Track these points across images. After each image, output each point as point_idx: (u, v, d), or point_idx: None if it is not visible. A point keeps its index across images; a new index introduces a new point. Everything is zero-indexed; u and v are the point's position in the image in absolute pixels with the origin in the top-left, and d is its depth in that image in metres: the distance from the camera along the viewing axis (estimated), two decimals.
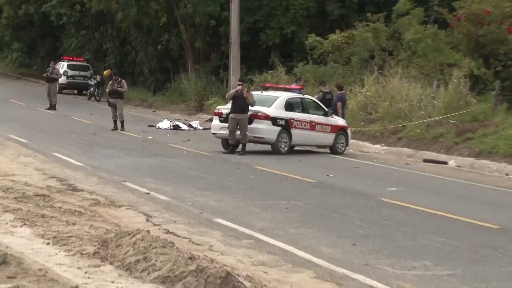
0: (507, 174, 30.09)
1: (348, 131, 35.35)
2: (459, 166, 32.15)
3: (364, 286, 13.40)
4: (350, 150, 35.30)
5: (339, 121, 34.80)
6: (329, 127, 34.26)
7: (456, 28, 42.67)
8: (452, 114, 36.17)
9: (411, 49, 42.53)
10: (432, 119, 36.53)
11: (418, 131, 36.49)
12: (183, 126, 42.98)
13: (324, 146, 34.47)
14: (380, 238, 17.42)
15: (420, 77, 40.13)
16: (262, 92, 35.38)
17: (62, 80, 57.05)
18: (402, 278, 13.91)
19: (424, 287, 13.43)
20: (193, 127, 43.14)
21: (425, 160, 33.51)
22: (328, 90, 37.43)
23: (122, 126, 39.54)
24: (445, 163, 32.81)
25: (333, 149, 34.33)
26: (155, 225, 17.55)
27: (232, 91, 33.48)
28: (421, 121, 36.77)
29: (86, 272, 13.25)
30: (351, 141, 35.69)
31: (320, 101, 35.33)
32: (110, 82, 42.66)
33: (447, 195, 24.43)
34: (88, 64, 65.47)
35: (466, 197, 24.36)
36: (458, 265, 15.11)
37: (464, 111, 36.15)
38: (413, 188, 25.21)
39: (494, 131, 33.72)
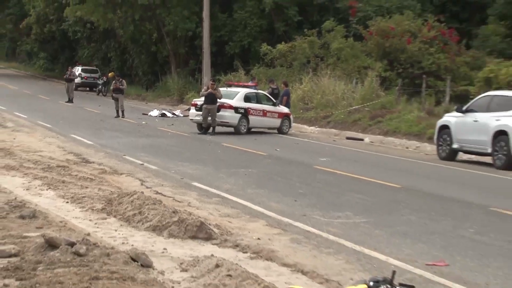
0: (407, 147, 30.53)
1: (291, 116, 35.47)
2: (372, 142, 32.37)
3: (303, 231, 13.57)
4: (292, 131, 35.30)
5: (284, 109, 34.94)
6: (277, 114, 34.45)
7: (369, 40, 43.17)
8: (367, 104, 36.59)
9: (336, 55, 42.82)
10: (352, 107, 36.85)
11: (342, 116, 36.77)
12: (168, 114, 42.83)
13: (273, 128, 34.49)
14: (314, 195, 17.57)
15: (343, 77, 40.38)
16: (227, 88, 35.65)
17: (77, 80, 56.86)
18: (330, 224, 14.10)
19: (346, 231, 13.60)
20: (175, 114, 43.00)
21: (347, 138, 33.66)
22: (275, 87, 37.61)
23: (123, 115, 39.37)
24: (362, 139, 33.04)
25: (280, 130, 34.45)
26: (147, 187, 17.62)
27: (204, 92, 33.49)
28: (344, 109, 37.04)
29: (95, 223, 13.42)
30: (293, 124, 35.73)
31: (270, 95, 35.49)
32: (113, 81, 42.83)
33: (363, 163, 24.59)
34: (97, 68, 65.16)
35: (377, 164, 24.52)
36: (372, 214, 15.28)
37: (375, 102, 36.58)
38: (338, 159, 25.30)
39: (397, 116, 34.22)
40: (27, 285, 8.95)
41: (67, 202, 15.40)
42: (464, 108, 25.99)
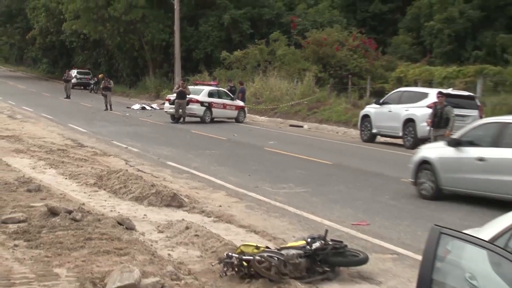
0: (337, 132, 30.53)
1: (245, 109, 35.38)
2: (309, 128, 32.34)
3: (255, 199, 13.62)
4: (247, 120, 35.19)
5: (240, 103, 34.81)
6: (234, 106, 34.33)
7: (306, 48, 43.17)
8: (305, 99, 36.54)
9: (281, 60, 42.72)
10: (294, 101, 36.76)
11: (286, 108, 36.69)
12: (147, 107, 42.39)
13: (231, 118, 34.33)
14: (264, 171, 17.59)
15: (286, 77, 40.32)
16: (194, 86, 35.35)
17: (74, 80, 56.30)
18: (277, 194, 14.13)
19: (289, 199, 13.64)
20: (153, 108, 42.57)
21: (290, 125, 33.66)
22: (233, 85, 37.44)
23: (111, 108, 38.89)
24: (302, 126, 33.00)
25: (237, 120, 34.30)
26: (130, 166, 17.56)
27: (176, 89, 33.39)
28: (287, 103, 36.93)
29: (89, 195, 13.36)
30: (247, 115, 35.69)
31: (228, 91, 35.39)
32: (103, 81, 42.78)
33: (303, 145, 24.53)
34: (89, 71, 64.66)
35: (313, 146, 24.48)
36: (310, 186, 15.33)
37: (312, 97, 36.55)
38: (283, 142, 25.27)
39: (329, 108, 34.30)
40: (33, 245, 8.95)
41: (66, 178, 15.32)
42: (381, 101, 26.24)
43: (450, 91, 23.35)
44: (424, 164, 14.41)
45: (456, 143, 13.95)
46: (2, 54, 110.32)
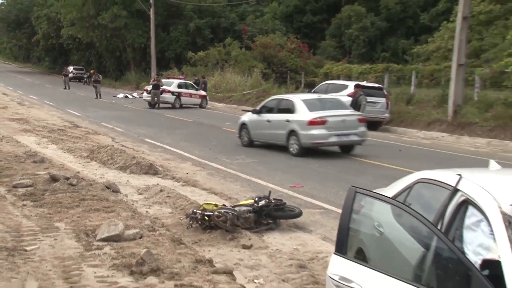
0: None
1: (207, 97, 35.07)
2: None
3: (215, 168, 13.62)
4: (208, 106, 34.98)
5: (202, 93, 34.52)
6: (198, 95, 34.06)
7: (254, 50, 43.00)
8: (254, 89, 36.45)
9: (235, 59, 42.49)
10: (245, 91, 36.57)
11: (239, 97, 36.29)
12: (129, 96, 41.83)
13: (196, 105, 34.06)
14: (221, 146, 17.56)
15: (239, 72, 40.03)
16: (166, 79, 35.10)
17: (71, 75, 55.48)
18: (232, 164, 14.14)
19: (241, 168, 13.66)
20: (134, 96, 41.91)
21: (242, 110, 32.85)
22: (197, 78, 37.21)
23: (100, 97, 38.18)
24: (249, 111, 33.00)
25: (200, 106, 33.95)
26: (116, 142, 17.37)
27: (152, 82, 33.15)
28: (240, 93, 36.68)
29: (83, 165, 13.23)
30: (209, 102, 35.44)
31: (193, 83, 35.16)
32: (94, 75, 41.89)
33: None
34: (83, 67, 63.68)
35: None
36: (257, 158, 15.36)
37: (259, 88, 36.40)
38: (237, 123, 25.22)
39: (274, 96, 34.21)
40: (38, 205, 8.91)
41: (64, 152, 15.15)
42: (312, 91, 26.23)
43: (364, 83, 23.59)
44: (243, 125, 17.89)
45: (257, 112, 17.48)
46: (12, 53, 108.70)
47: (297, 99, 16.52)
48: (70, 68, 59.64)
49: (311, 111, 15.67)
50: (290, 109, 16.18)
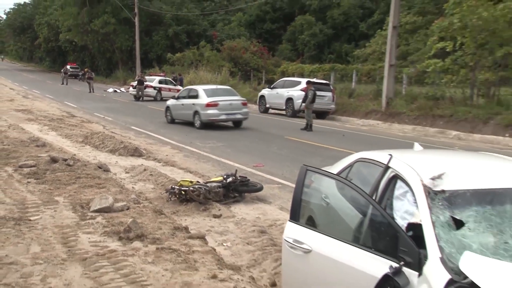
0: (248, 107, 30.18)
1: None
2: None
3: (190, 151, 13.50)
4: None
5: (179, 87, 33.68)
6: (176, 90, 33.17)
7: (224, 51, 42.55)
8: (223, 85, 36.17)
9: (207, 60, 42.03)
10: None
11: None
12: (118, 90, 41.14)
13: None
14: (196, 132, 17.42)
15: (211, 71, 39.39)
16: (150, 76, 34.67)
17: (68, 73, 54.60)
18: (204, 147, 14.04)
19: (213, 150, 13.56)
20: (122, 91, 41.24)
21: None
22: (175, 76, 36.69)
23: (93, 91, 37.36)
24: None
25: None
26: (106, 129, 17.04)
27: (137, 78, 32.67)
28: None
29: (78, 149, 12.97)
30: None
31: (172, 80, 34.73)
32: (87, 73, 40.97)
33: None
34: (78, 66, 62.38)
35: None
36: (226, 142, 15.27)
37: (228, 83, 36.11)
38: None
39: (238, 90, 32.85)
40: (40, 182, 8.74)
41: (63, 137, 14.83)
42: (271, 86, 26.31)
43: (314, 80, 23.65)
44: (167, 108, 20.19)
45: (176, 98, 19.97)
46: (18, 54, 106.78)
47: (200, 88, 19.15)
48: (68, 67, 58.60)
49: (209, 97, 18.26)
50: (195, 96, 18.73)
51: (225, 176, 8.50)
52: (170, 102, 20.29)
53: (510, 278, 2.51)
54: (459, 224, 3.01)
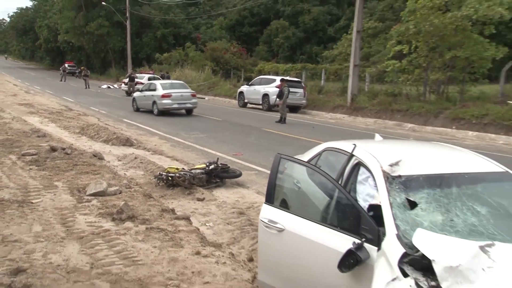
0: (224, 101, 29.91)
1: None
2: (209, 99, 31.74)
3: (176, 141, 13.39)
4: None
5: None
6: None
7: (206, 52, 42.15)
8: (206, 81, 35.89)
9: (192, 59, 41.63)
10: (200, 83, 35.91)
11: (195, 87, 34.95)
12: (111, 87, 40.49)
13: None
14: (182, 124, 17.25)
15: (195, 69, 39.07)
16: (140, 74, 34.24)
17: (66, 71, 53.71)
18: (189, 138, 13.94)
19: (197, 140, 13.47)
20: (115, 87, 40.63)
21: (197, 97, 33.16)
22: (163, 73, 35.99)
23: (89, 87, 36.64)
24: (204, 98, 32.25)
25: None
26: (101, 122, 16.79)
27: (127, 75, 32.24)
28: (196, 84, 35.80)
29: (76, 139, 12.76)
30: None
31: (160, 77, 34.26)
32: (83, 71, 40.08)
33: (204, 109, 23.82)
34: (75, 65, 61.24)
35: (211, 109, 24.01)
36: (208, 133, 15.17)
37: (210, 80, 35.83)
38: (200, 107, 24.92)
39: (221, 87, 33.34)
40: (41, 168, 8.66)
41: (62, 129, 14.58)
42: (249, 83, 26.23)
43: (288, 78, 23.65)
44: (134, 99, 21.62)
45: (141, 91, 21.36)
46: (20, 54, 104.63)
47: (158, 83, 20.83)
48: (66, 65, 57.61)
49: (164, 89, 19.87)
50: (154, 89, 20.28)
51: (207, 164, 8.46)
52: (136, 94, 21.78)
53: (454, 250, 2.57)
54: (413, 205, 3.06)
